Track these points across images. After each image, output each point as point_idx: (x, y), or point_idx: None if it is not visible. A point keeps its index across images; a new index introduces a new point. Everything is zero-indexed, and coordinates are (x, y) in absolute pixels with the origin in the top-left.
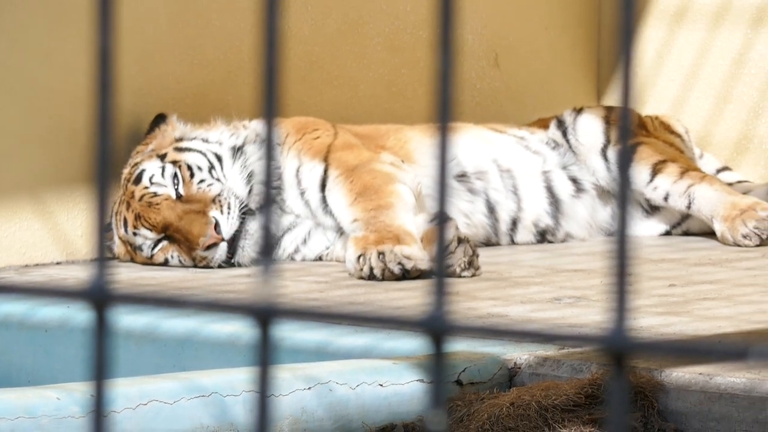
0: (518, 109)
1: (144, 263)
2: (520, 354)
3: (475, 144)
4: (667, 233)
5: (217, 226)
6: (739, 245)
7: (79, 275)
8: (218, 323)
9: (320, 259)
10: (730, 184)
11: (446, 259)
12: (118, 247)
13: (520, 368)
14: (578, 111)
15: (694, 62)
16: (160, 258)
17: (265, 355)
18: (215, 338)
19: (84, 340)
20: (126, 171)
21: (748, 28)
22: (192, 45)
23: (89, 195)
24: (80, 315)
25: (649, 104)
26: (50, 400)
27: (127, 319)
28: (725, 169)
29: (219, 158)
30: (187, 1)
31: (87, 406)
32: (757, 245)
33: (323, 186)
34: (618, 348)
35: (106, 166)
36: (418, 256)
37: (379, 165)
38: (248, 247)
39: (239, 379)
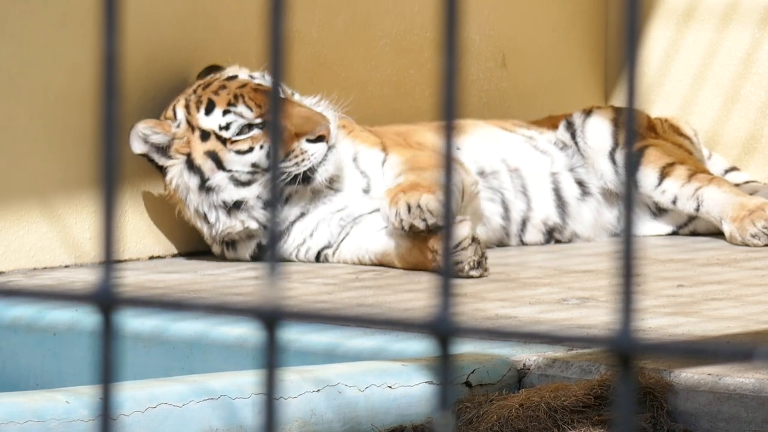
0: (526, 109)
1: (209, 151)
2: (529, 355)
3: (484, 144)
4: (674, 233)
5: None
6: (747, 245)
7: (87, 278)
8: (226, 326)
9: (328, 247)
10: (737, 185)
11: (456, 254)
12: (183, 133)
13: (529, 369)
14: (587, 113)
15: (701, 62)
16: (244, 146)
17: (272, 358)
18: (223, 341)
19: (92, 343)
20: (200, 82)
21: (756, 28)
22: (199, 47)
23: (97, 198)
24: (88, 318)
25: (657, 104)
26: (59, 404)
27: (135, 322)
28: (733, 169)
29: None
30: (195, 3)
31: (96, 410)
32: (766, 245)
33: (383, 163)
34: (625, 349)
35: (112, 169)
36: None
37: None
38: (322, 169)
39: (248, 381)
